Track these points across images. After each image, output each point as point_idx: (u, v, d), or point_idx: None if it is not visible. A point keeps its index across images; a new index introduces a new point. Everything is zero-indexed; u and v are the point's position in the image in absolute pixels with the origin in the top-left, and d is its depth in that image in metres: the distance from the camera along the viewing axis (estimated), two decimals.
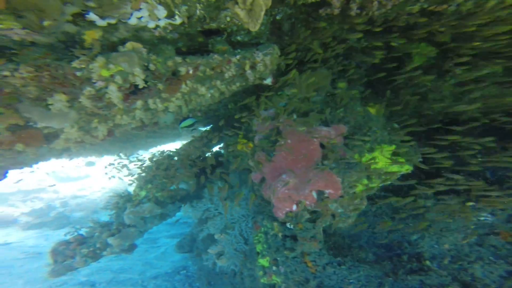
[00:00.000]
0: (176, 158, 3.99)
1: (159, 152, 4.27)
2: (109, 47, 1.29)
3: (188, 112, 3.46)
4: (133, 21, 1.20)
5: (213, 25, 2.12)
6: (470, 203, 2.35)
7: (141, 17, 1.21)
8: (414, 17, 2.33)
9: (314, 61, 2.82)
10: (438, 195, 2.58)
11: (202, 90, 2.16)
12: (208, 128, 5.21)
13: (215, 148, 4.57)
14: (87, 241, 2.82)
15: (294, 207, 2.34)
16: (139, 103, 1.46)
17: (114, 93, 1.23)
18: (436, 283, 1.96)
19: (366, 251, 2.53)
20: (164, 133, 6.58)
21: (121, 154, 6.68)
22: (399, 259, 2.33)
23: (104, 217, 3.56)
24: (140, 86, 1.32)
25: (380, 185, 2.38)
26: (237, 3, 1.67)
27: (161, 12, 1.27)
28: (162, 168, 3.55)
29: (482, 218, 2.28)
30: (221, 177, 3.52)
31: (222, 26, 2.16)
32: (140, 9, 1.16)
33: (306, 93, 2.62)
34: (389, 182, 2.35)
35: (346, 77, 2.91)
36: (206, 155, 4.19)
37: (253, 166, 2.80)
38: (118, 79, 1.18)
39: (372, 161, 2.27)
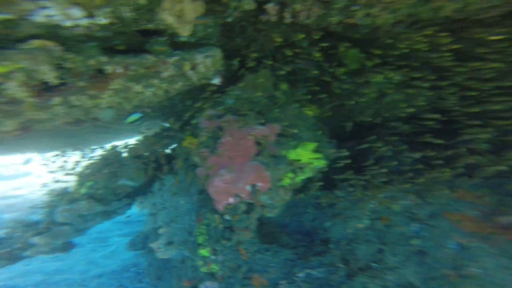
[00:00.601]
0: (125, 154, 3.90)
1: (110, 148, 4.10)
2: (17, 42, 1.28)
3: (134, 109, 3.41)
4: (40, 18, 1.22)
5: (150, 26, 2.17)
6: (369, 193, 2.92)
7: (53, 15, 1.24)
8: (339, 26, 2.67)
9: (258, 62, 3.05)
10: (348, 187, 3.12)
11: (138, 88, 2.21)
12: (164, 124, 5.15)
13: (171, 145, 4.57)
14: (3, 242, 2.60)
15: (232, 200, 2.58)
16: (57, 99, 1.47)
17: (15, 89, 1.25)
18: (328, 262, 2.41)
19: (290, 238, 2.93)
20: (119, 128, 6.24)
21: (66, 149, 6.12)
22: (313, 244, 2.77)
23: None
24: (53, 84, 1.35)
25: (303, 178, 2.77)
26: (165, 9, 1.78)
27: (77, 12, 1.32)
28: (106, 163, 3.44)
29: (371, 205, 2.87)
30: (170, 172, 3.58)
31: (161, 27, 2.23)
32: (47, 7, 1.19)
33: (252, 94, 2.86)
34: (310, 175, 2.76)
35: (289, 79, 3.22)
36: (159, 151, 4.18)
37: (198, 162, 2.96)
38: (20, 75, 1.20)
39: (297, 156, 2.64)
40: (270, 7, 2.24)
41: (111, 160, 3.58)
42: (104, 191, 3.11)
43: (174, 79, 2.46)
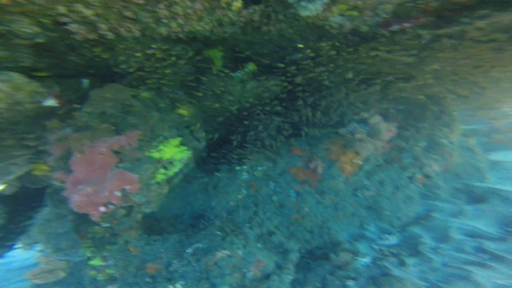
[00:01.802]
0: None
1: None
2: None
3: None
4: None
5: None
6: (238, 167, 3.61)
7: None
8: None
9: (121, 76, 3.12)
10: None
11: None
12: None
13: None
14: None
15: (103, 209, 2.74)
16: None
17: None
18: (210, 233, 2.98)
19: (182, 224, 3.37)
20: None
21: None
22: (200, 223, 3.30)
23: None
24: None
25: (176, 171, 3.19)
26: None
27: None
28: None
29: (244, 177, 3.60)
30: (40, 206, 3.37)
31: None
32: None
33: (102, 108, 2.95)
34: (180, 167, 3.19)
35: (152, 87, 3.45)
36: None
37: (59, 185, 2.92)
38: None
39: (161, 154, 2.99)
40: (73, 27, 2.25)
41: None
42: None
43: None
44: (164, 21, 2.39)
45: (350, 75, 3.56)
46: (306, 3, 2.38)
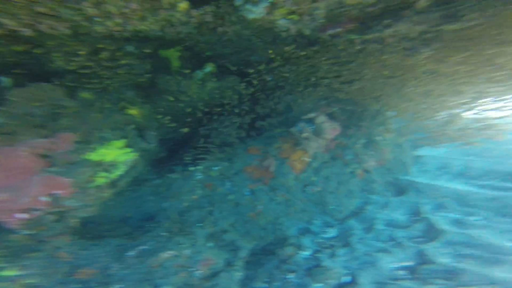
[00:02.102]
0: None
1: None
2: None
3: None
4: None
5: None
6: (192, 168, 3.56)
7: None
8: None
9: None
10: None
11: None
12: None
13: None
14: None
15: (23, 215, 2.43)
16: None
17: None
18: (156, 234, 2.88)
19: (128, 226, 3.18)
20: None
21: None
22: (147, 225, 3.16)
23: None
24: None
25: (121, 173, 2.98)
26: None
27: None
28: None
29: (199, 177, 3.57)
30: None
31: None
32: None
33: (25, 109, 2.58)
34: (125, 170, 2.99)
35: (96, 87, 3.13)
36: None
37: None
38: None
39: (101, 156, 2.76)
40: None
41: None
42: None
43: None
44: (98, 19, 2.24)
45: (302, 77, 3.80)
46: (251, 6, 2.45)
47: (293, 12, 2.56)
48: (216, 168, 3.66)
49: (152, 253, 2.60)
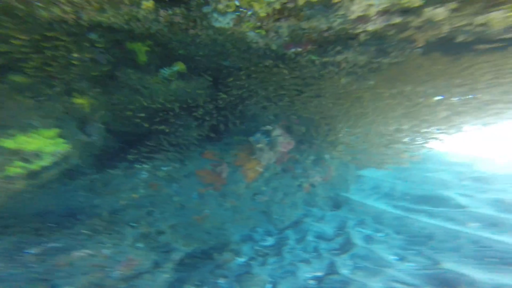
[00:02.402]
0: None
1: None
2: None
3: None
4: None
5: None
6: (138, 166, 3.34)
7: None
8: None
9: None
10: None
11: None
12: None
13: None
14: None
15: None
16: None
17: None
18: (75, 232, 2.63)
19: (33, 222, 2.81)
20: None
21: None
22: (68, 221, 2.85)
23: None
24: None
25: (45, 164, 2.61)
26: None
27: None
28: None
29: (144, 176, 3.37)
30: None
31: None
32: None
33: None
34: (53, 161, 2.64)
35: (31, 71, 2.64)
36: None
37: None
38: None
39: (19, 144, 2.36)
40: None
41: None
42: None
43: None
44: (39, 4, 2.07)
45: (267, 89, 3.90)
46: (218, 15, 2.40)
47: (260, 27, 2.61)
48: (165, 168, 3.50)
49: (62, 252, 2.36)
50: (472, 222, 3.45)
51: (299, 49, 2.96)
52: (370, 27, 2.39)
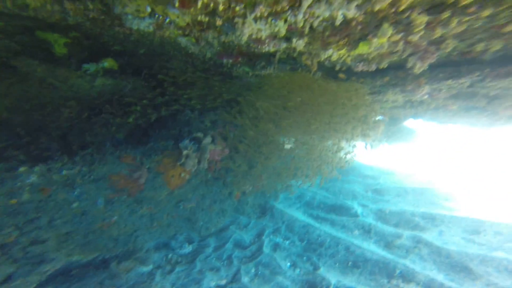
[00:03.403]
0: None
1: None
2: None
3: None
4: None
5: None
6: (22, 168, 2.69)
7: None
8: None
9: None
10: None
11: None
12: None
13: None
14: None
15: None
16: None
17: None
18: None
19: None
20: None
21: None
22: None
23: None
24: None
25: None
26: None
27: None
28: None
29: (32, 179, 2.75)
30: None
31: None
32: None
33: None
34: None
35: None
36: None
37: None
38: None
39: None
40: None
41: None
42: None
43: None
44: None
45: (204, 95, 3.73)
46: (132, 18, 2.12)
47: (187, 35, 2.44)
48: (66, 171, 2.93)
49: None
50: (357, 230, 4.18)
51: (231, 60, 2.93)
52: (267, 48, 2.48)
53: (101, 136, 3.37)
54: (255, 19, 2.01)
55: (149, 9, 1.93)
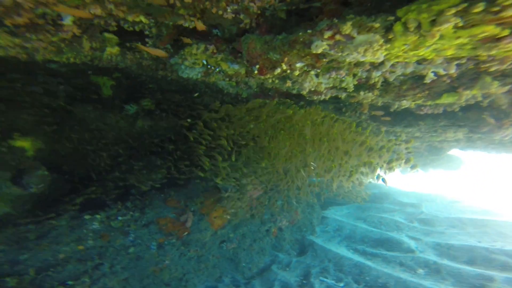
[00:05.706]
0: None
1: None
2: None
3: None
4: None
5: None
6: (88, 216, 3.04)
7: None
8: None
9: None
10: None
11: None
12: None
13: None
14: None
15: None
16: None
17: None
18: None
19: None
20: None
21: None
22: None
23: None
24: None
25: None
26: None
27: None
28: None
29: (94, 226, 3.06)
30: None
31: None
32: None
33: None
34: None
35: None
36: None
37: None
38: None
39: None
40: None
41: None
42: None
43: None
44: None
45: (238, 133, 4.03)
46: (185, 67, 2.50)
47: (230, 79, 2.75)
48: (121, 218, 3.24)
49: None
50: (421, 269, 3.78)
51: (267, 101, 3.20)
52: (322, 97, 2.66)
53: (145, 178, 3.66)
54: (317, 75, 1.99)
55: (205, 62, 2.27)
